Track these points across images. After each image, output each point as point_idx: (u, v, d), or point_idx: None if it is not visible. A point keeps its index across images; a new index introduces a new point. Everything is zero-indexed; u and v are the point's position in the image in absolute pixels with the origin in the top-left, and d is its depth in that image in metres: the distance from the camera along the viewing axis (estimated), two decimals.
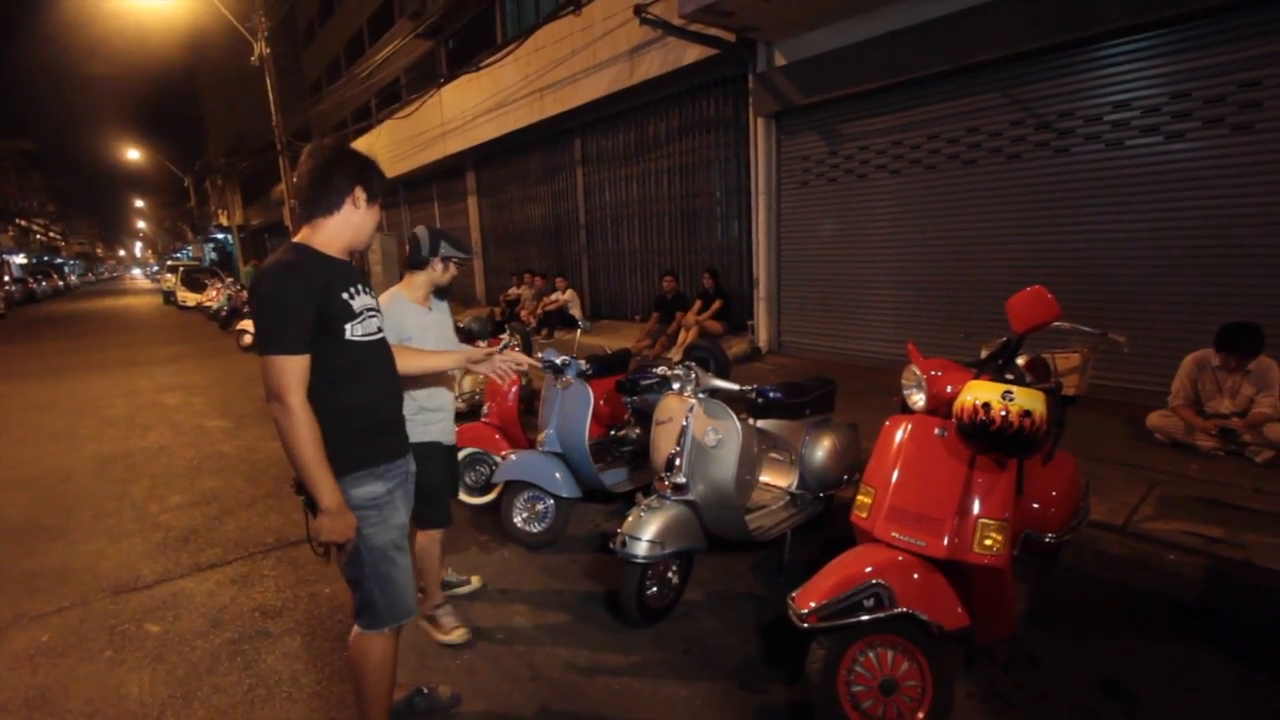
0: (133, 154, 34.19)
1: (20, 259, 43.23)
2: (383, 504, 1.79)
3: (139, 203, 76.09)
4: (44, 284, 33.00)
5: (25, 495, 4.53)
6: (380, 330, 1.86)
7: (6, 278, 29.13)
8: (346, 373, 1.74)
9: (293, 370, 1.60)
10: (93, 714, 2.28)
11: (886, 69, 5.82)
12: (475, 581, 3.04)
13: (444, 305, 2.75)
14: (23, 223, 47.78)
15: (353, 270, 1.82)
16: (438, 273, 2.60)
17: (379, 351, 1.85)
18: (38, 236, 53.71)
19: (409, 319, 2.52)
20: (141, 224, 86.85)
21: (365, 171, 1.80)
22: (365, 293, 1.81)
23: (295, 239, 1.79)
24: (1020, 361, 2.21)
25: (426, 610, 2.69)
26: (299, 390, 1.61)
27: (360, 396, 1.78)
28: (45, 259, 50.37)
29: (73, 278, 48.16)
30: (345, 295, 1.73)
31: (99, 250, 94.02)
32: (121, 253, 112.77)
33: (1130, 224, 4.85)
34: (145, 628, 2.82)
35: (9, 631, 2.82)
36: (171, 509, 4.18)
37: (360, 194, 1.78)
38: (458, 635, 2.63)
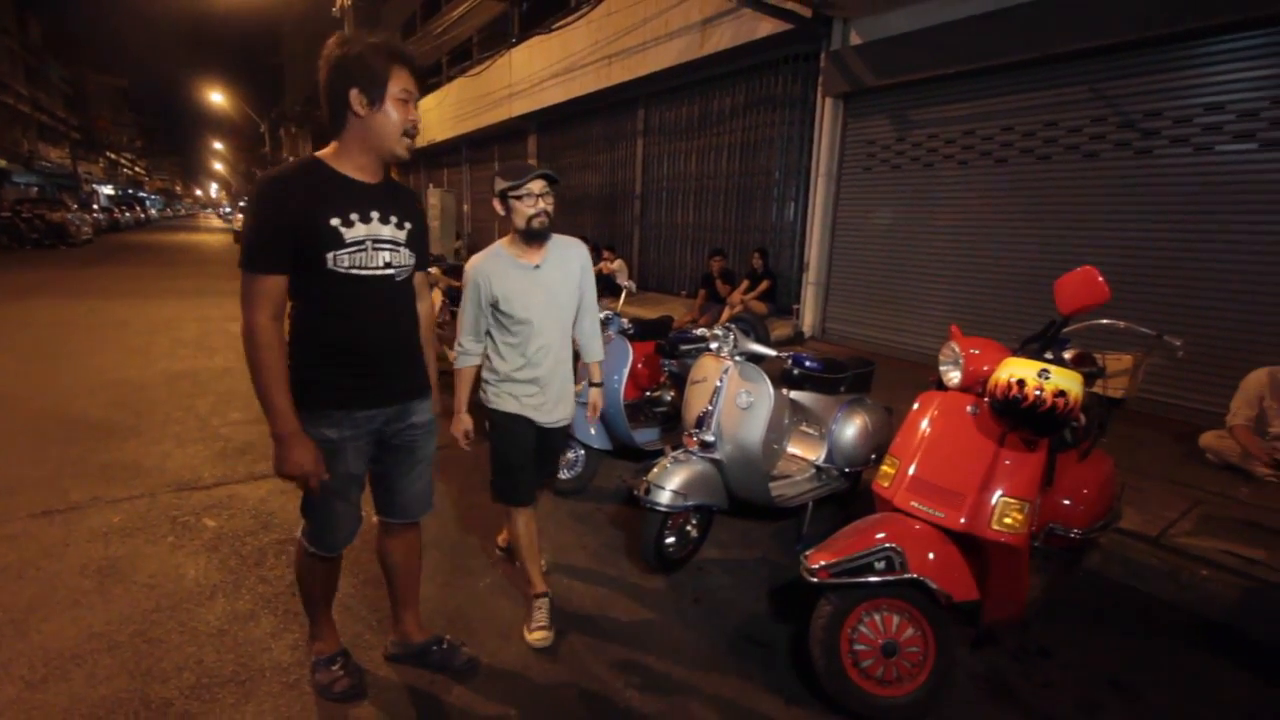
0: (215, 97, 35.57)
1: (109, 190, 45.90)
2: (331, 451, 1.67)
3: (217, 145, 79.36)
4: (128, 215, 34.96)
5: (105, 399, 4.92)
6: (390, 266, 1.66)
7: (95, 206, 30.95)
8: (324, 304, 1.61)
9: (257, 289, 1.53)
10: (154, 586, 2.52)
11: (968, 54, 5.62)
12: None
13: (566, 259, 2.25)
14: (112, 156, 50.56)
15: (366, 194, 1.61)
16: (505, 214, 2.18)
17: (374, 288, 1.65)
18: (124, 170, 56.83)
19: (507, 277, 2.15)
20: (218, 165, 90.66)
21: (353, 72, 1.52)
22: (380, 221, 1.62)
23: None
24: (1068, 355, 2.18)
25: (527, 593, 2.39)
26: (263, 310, 1.53)
27: (336, 333, 1.63)
28: (130, 192, 53.47)
29: (153, 211, 50.87)
30: (335, 221, 1.55)
31: (178, 188, 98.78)
32: (198, 192, 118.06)
33: (1210, 234, 4.60)
34: (203, 521, 3.08)
35: (87, 511, 3.12)
36: (232, 423, 4.48)
37: (357, 99, 1.53)
38: (538, 638, 2.26)
